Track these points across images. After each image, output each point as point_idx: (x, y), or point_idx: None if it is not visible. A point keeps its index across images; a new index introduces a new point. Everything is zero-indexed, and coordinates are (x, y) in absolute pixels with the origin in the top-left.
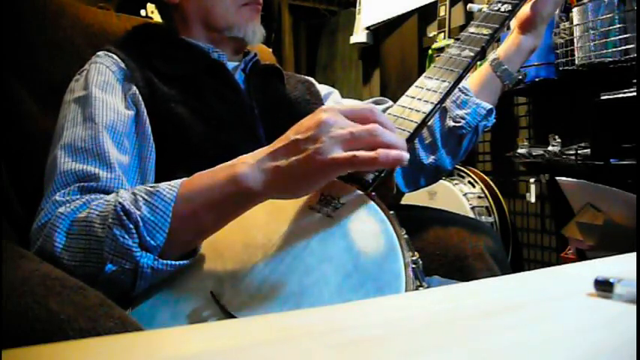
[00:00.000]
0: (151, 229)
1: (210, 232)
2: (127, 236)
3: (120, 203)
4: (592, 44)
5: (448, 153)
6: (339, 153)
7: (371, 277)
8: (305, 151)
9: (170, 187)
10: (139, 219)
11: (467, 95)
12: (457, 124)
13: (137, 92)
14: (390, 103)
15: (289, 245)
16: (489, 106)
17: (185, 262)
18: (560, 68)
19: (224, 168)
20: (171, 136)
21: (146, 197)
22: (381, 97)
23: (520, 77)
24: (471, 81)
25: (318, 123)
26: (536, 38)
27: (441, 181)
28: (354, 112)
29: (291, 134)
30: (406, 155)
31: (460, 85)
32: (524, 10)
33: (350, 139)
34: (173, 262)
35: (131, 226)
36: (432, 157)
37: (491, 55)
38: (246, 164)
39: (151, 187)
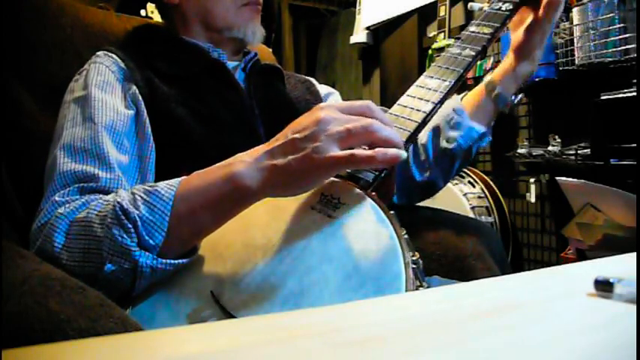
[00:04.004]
0: (149, 228)
1: (209, 230)
2: (125, 236)
3: (118, 203)
4: (592, 44)
5: (441, 172)
6: (336, 151)
7: (371, 277)
8: (303, 149)
9: (169, 187)
10: (137, 218)
11: (461, 117)
12: (450, 146)
13: (137, 92)
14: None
15: (289, 245)
16: (483, 129)
17: (184, 260)
18: (560, 68)
19: (221, 167)
20: (171, 136)
21: (144, 197)
22: (382, 107)
23: (516, 102)
24: (465, 102)
25: (315, 121)
26: (531, 63)
27: None
28: (351, 108)
29: (289, 132)
30: (403, 153)
31: (455, 107)
32: (519, 35)
33: (347, 136)
34: (172, 261)
35: (130, 225)
36: (425, 175)
37: (486, 77)
38: (244, 163)
39: (149, 186)
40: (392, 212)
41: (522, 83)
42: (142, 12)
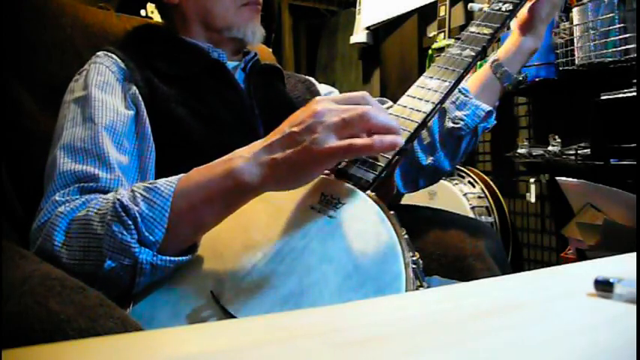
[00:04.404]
0: (149, 224)
1: (208, 226)
2: (125, 232)
3: (118, 200)
4: (592, 44)
5: (447, 154)
6: (334, 142)
7: (371, 277)
8: (301, 142)
9: (168, 183)
10: (137, 215)
11: (466, 96)
12: (456, 126)
13: (137, 92)
14: (391, 103)
15: (289, 245)
16: (488, 107)
17: (184, 257)
18: (560, 68)
19: (221, 162)
20: (171, 136)
21: (144, 193)
22: (381, 98)
23: (520, 79)
24: (470, 82)
25: (311, 114)
26: (536, 40)
27: (441, 181)
28: (347, 99)
29: (286, 127)
30: (400, 139)
31: (460, 86)
32: (524, 12)
33: (343, 126)
34: (172, 258)
35: (130, 222)
36: (431, 157)
37: (491, 57)
38: (243, 158)
39: (149, 183)
40: (392, 212)
41: (526, 60)
42: (142, 12)
